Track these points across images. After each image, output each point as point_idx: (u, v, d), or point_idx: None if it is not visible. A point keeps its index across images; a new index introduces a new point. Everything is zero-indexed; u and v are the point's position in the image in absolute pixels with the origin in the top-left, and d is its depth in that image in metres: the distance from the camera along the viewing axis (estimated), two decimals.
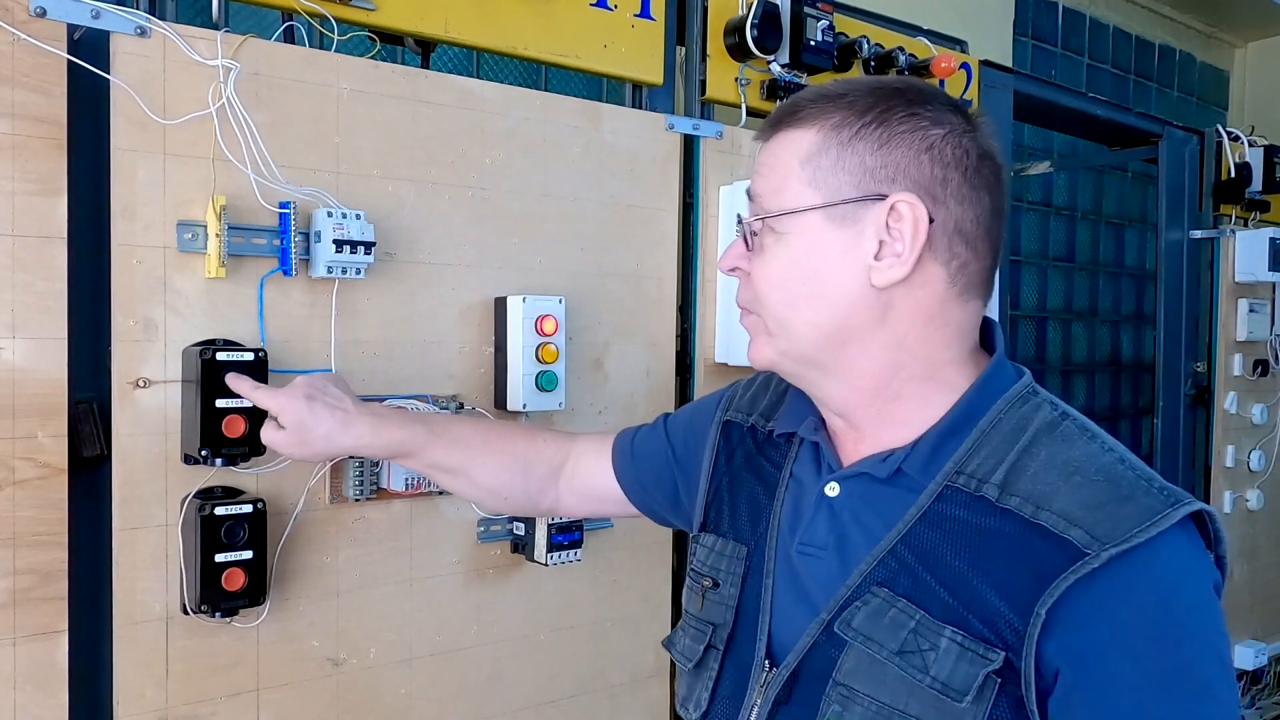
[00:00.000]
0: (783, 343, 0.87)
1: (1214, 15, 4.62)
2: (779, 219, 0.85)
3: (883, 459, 0.85)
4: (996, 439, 0.82)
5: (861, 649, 0.80)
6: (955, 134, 0.83)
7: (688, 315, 1.81)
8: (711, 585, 0.96)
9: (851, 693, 0.80)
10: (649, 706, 1.75)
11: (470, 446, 1.20)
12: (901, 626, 0.79)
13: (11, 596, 1.17)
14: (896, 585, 0.81)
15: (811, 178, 0.83)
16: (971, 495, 0.80)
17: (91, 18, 1.19)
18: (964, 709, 0.75)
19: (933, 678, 0.76)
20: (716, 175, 1.80)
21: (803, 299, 0.84)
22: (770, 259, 0.86)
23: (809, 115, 0.85)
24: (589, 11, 1.64)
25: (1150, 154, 2.94)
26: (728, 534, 0.98)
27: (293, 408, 1.13)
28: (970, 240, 0.83)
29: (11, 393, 1.17)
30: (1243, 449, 2.92)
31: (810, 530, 0.89)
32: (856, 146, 0.82)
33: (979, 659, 0.75)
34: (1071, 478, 0.78)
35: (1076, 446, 0.81)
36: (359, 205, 1.36)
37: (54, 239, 1.20)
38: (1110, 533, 0.73)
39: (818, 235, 0.83)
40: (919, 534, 0.81)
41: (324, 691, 1.39)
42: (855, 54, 1.97)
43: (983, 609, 0.76)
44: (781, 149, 0.86)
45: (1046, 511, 0.76)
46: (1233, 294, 2.89)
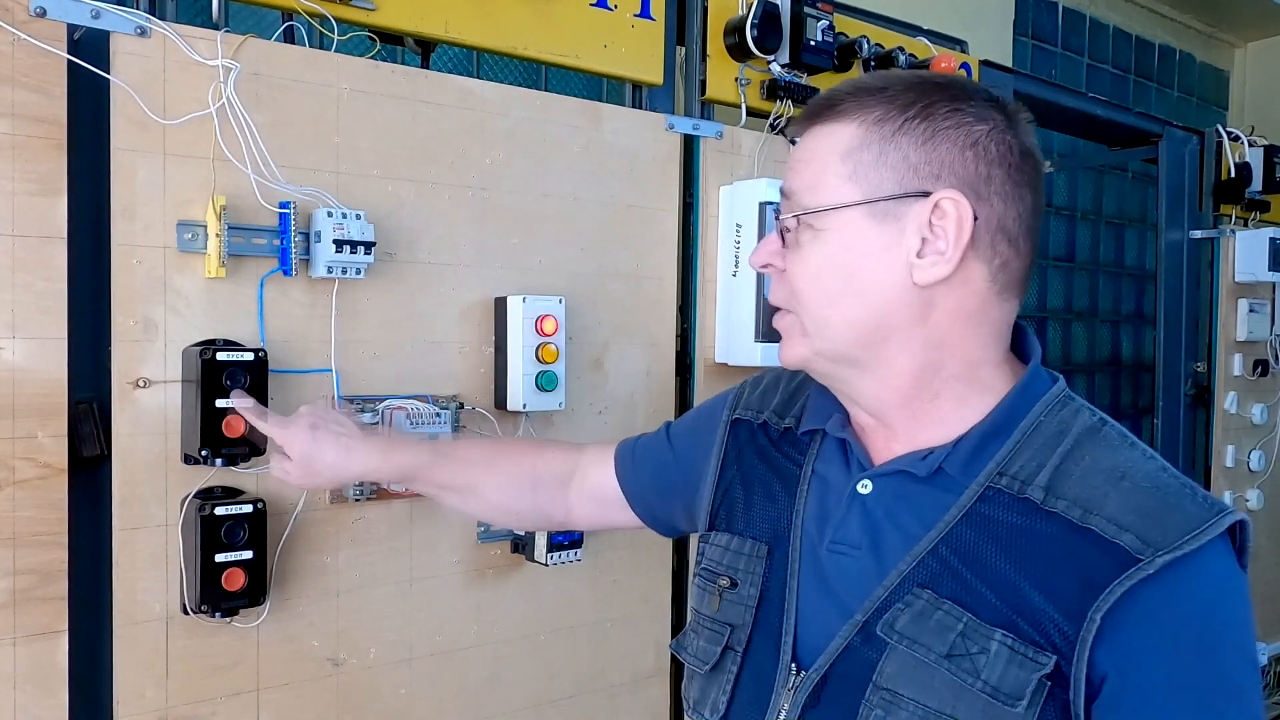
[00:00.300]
0: (819, 341, 0.85)
1: (1214, 15, 4.62)
2: (817, 215, 0.82)
3: (922, 457, 0.84)
4: (1038, 442, 0.81)
5: (906, 652, 0.78)
6: (999, 130, 0.81)
7: (688, 315, 1.80)
8: (729, 585, 0.93)
9: (896, 697, 0.78)
10: (649, 706, 1.75)
11: (477, 465, 1.19)
12: (949, 629, 0.77)
13: (11, 596, 1.17)
14: (940, 587, 0.79)
15: (852, 173, 0.81)
16: (1015, 497, 0.79)
17: (91, 18, 1.19)
18: (1017, 714, 0.73)
19: (984, 681, 0.75)
20: (716, 175, 1.80)
21: (842, 296, 0.82)
22: (808, 255, 0.84)
23: (848, 109, 0.83)
24: (589, 11, 1.64)
25: (1150, 154, 2.94)
26: (744, 532, 0.95)
27: (298, 438, 1.13)
28: (1012, 238, 0.82)
29: (11, 393, 1.17)
30: (1243, 449, 2.92)
31: (842, 528, 0.86)
32: (900, 141, 0.80)
33: (1030, 663, 0.74)
34: (1120, 483, 0.77)
35: (1121, 453, 0.80)
36: (359, 205, 1.36)
37: (54, 239, 1.20)
38: (1162, 540, 0.73)
39: (858, 231, 0.81)
40: (961, 535, 0.80)
41: (324, 691, 1.39)
42: (855, 54, 1.97)
43: (1031, 612, 0.75)
44: (819, 143, 0.84)
45: (1096, 516, 0.75)
46: (1233, 294, 2.89)
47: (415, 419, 1.38)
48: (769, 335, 1.71)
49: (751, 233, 1.73)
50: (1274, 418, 2.99)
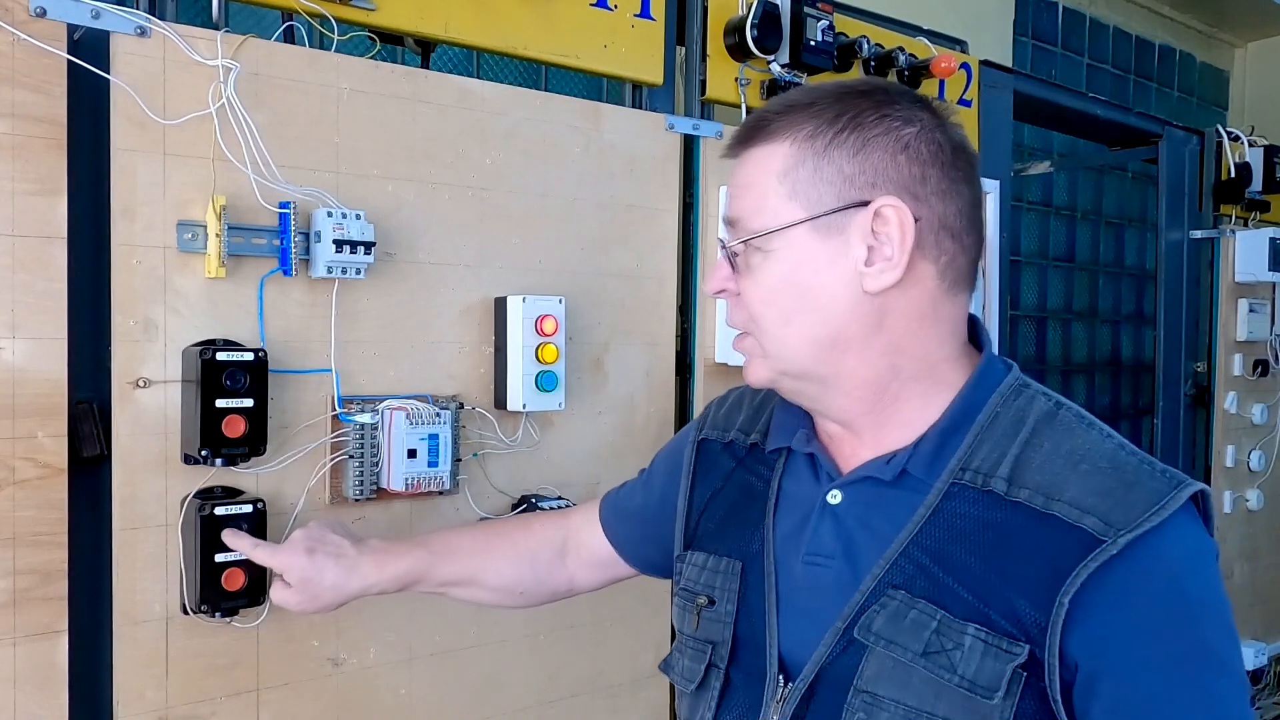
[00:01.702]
0: (779, 361, 0.86)
1: (1214, 15, 4.62)
2: (764, 238, 0.84)
3: (886, 461, 0.85)
4: (996, 433, 0.83)
5: (884, 653, 0.79)
6: (928, 130, 0.83)
7: (688, 315, 1.80)
8: (707, 603, 0.94)
9: (876, 699, 0.79)
10: (649, 706, 1.75)
11: (472, 555, 1.19)
12: (923, 627, 0.78)
13: (11, 596, 1.17)
14: (914, 586, 0.80)
15: (791, 191, 0.83)
16: (979, 491, 0.80)
17: (91, 18, 1.19)
18: (994, 705, 0.75)
19: (960, 676, 0.76)
20: (716, 175, 1.80)
21: (797, 314, 0.84)
22: (760, 278, 0.85)
23: (779, 128, 0.84)
24: (589, 11, 1.64)
25: (1150, 154, 2.94)
26: (719, 551, 0.96)
27: (295, 564, 1.12)
28: (955, 234, 0.84)
29: (11, 393, 1.17)
30: (1243, 449, 2.92)
31: (815, 540, 0.87)
32: (833, 155, 0.82)
33: (1004, 654, 0.75)
34: (1078, 466, 0.78)
35: (1078, 435, 0.82)
36: (359, 205, 1.36)
37: (54, 239, 1.20)
38: (1123, 519, 0.74)
39: (805, 248, 0.82)
40: (930, 533, 0.81)
41: (324, 691, 1.39)
42: (855, 54, 1.97)
43: (1002, 604, 0.76)
44: (755, 166, 0.85)
45: (1058, 501, 0.77)
46: (1233, 294, 2.88)
47: (415, 419, 1.38)
48: None
49: None
50: (1274, 418, 2.99)
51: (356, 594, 1.14)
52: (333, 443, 1.38)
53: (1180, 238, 2.93)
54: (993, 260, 2.23)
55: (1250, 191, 2.92)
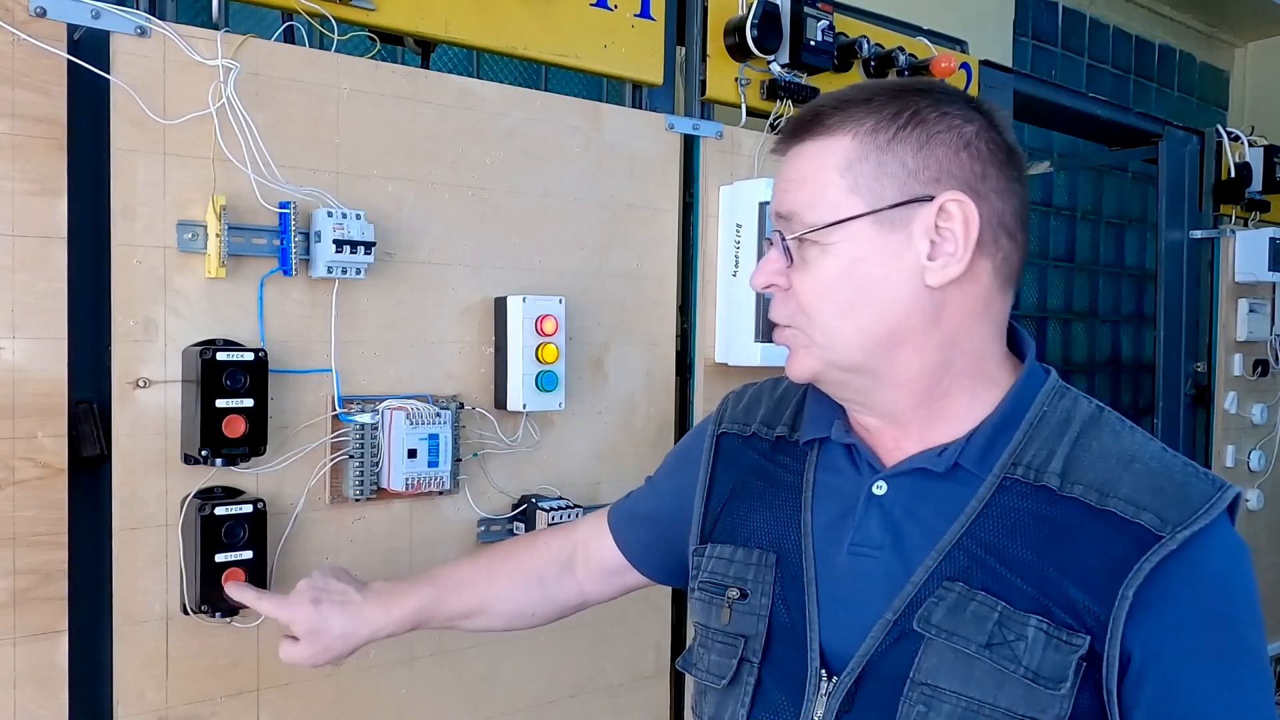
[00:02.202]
0: (830, 353, 0.86)
1: (1214, 15, 4.62)
2: (824, 231, 0.83)
3: (938, 454, 0.85)
4: (1046, 431, 0.84)
5: (945, 645, 0.79)
6: (985, 130, 0.84)
7: (688, 315, 1.80)
8: (739, 596, 0.92)
9: (936, 691, 0.78)
10: (649, 706, 1.75)
11: (478, 584, 1.17)
12: (985, 619, 0.78)
13: (11, 596, 1.17)
14: (971, 579, 0.80)
15: (853, 185, 0.82)
16: (1032, 485, 0.81)
17: (91, 18, 1.19)
18: (1060, 696, 0.75)
19: (1025, 667, 0.76)
20: (716, 175, 1.80)
21: (855, 307, 0.83)
22: (817, 271, 0.84)
23: (837, 123, 0.84)
24: (589, 11, 1.64)
25: (1150, 154, 2.94)
26: (749, 543, 0.95)
27: (302, 615, 1.10)
28: (1010, 232, 0.85)
29: (11, 393, 1.17)
30: (1243, 449, 2.92)
31: (862, 530, 0.87)
32: (896, 150, 0.82)
33: (1066, 645, 0.76)
34: (1131, 465, 0.80)
35: (1125, 438, 0.83)
36: (359, 205, 1.36)
37: (54, 239, 1.20)
38: (1178, 517, 0.76)
39: (867, 242, 0.82)
40: (984, 525, 0.81)
41: (324, 691, 1.39)
42: (855, 54, 1.97)
43: (1061, 596, 0.77)
44: (811, 160, 0.85)
45: (1113, 498, 0.78)
46: (1233, 294, 2.88)
47: (415, 419, 1.38)
48: (769, 335, 1.70)
49: (752, 232, 1.73)
50: (1274, 418, 2.99)
51: (366, 640, 1.12)
52: (333, 443, 1.38)
53: (1180, 238, 2.93)
54: None
55: (1250, 191, 2.92)
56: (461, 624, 1.18)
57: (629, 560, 1.15)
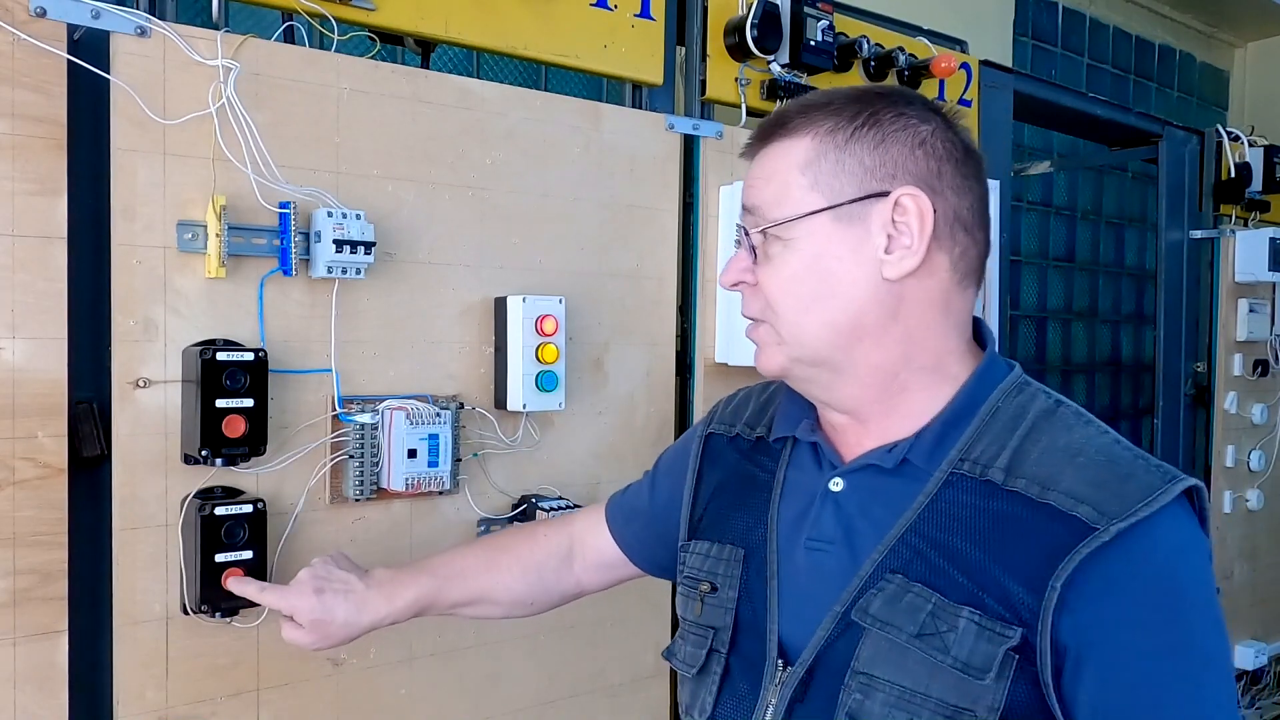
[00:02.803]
0: (795, 348, 0.88)
1: (1214, 15, 4.62)
2: (785, 226, 0.86)
3: (888, 450, 0.87)
4: (997, 426, 0.85)
5: (880, 634, 0.81)
6: (941, 129, 0.87)
7: (688, 315, 1.80)
8: (710, 589, 0.96)
9: (872, 680, 0.80)
10: (649, 706, 1.75)
11: (478, 574, 1.19)
12: (919, 610, 0.80)
13: (11, 596, 1.17)
14: (911, 570, 0.82)
15: (813, 182, 0.86)
16: (977, 480, 0.82)
17: (91, 18, 1.19)
18: (986, 686, 0.76)
19: (954, 657, 0.77)
20: (716, 175, 1.80)
21: (817, 300, 0.86)
22: (780, 266, 0.87)
23: (799, 125, 0.87)
24: (589, 11, 1.64)
25: (1150, 154, 2.94)
26: (722, 539, 0.98)
27: (305, 605, 1.11)
28: (968, 227, 0.87)
29: (11, 393, 1.17)
30: (1243, 449, 2.92)
31: (817, 526, 0.90)
32: (853, 148, 0.85)
33: (997, 636, 0.77)
34: (1075, 459, 0.81)
35: (1075, 431, 0.84)
36: (359, 205, 1.36)
37: (54, 239, 1.20)
38: (1116, 508, 0.76)
39: (826, 237, 0.85)
40: (928, 520, 0.83)
41: (324, 691, 1.39)
42: (855, 54, 1.97)
43: (996, 589, 0.78)
44: (776, 159, 0.88)
45: (1054, 491, 0.79)
46: (1233, 294, 2.88)
47: (415, 419, 1.38)
48: None
49: None
50: (1274, 418, 2.99)
51: (368, 628, 1.13)
52: (333, 443, 1.38)
53: (1180, 238, 2.93)
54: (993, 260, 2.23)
55: (1250, 191, 2.91)
56: (462, 611, 1.20)
57: (624, 554, 1.19)
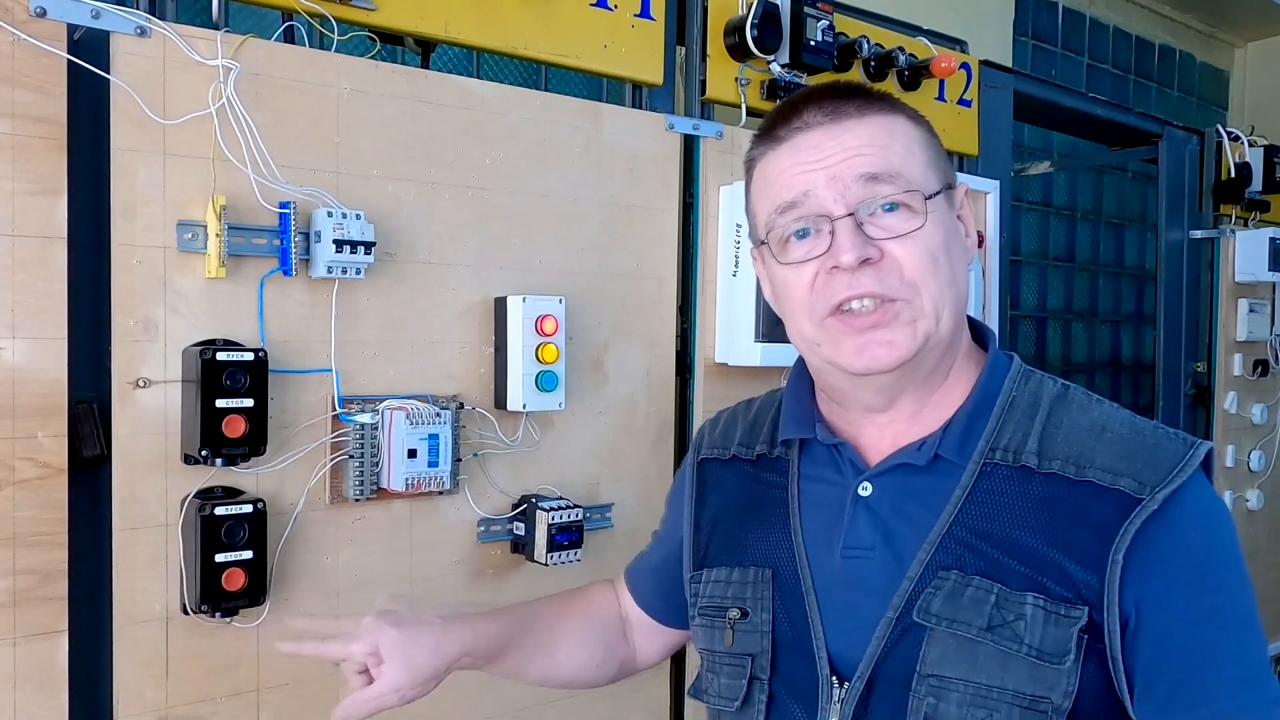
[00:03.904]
0: (933, 325, 0.83)
1: (1214, 15, 4.62)
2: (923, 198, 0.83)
3: (917, 448, 0.86)
4: (1017, 414, 0.85)
5: (947, 633, 0.79)
6: None
7: (688, 315, 1.80)
8: (740, 615, 0.91)
9: (943, 681, 0.78)
10: (649, 706, 1.75)
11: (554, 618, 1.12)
12: (983, 602, 0.79)
13: (11, 596, 1.17)
14: (965, 565, 0.81)
15: (928, 161, 0.86)
16: (1011, 468, 0.82)
17: (91, 18, 1.19)
18: (1064, 670, 0.76)
19: (1028, 645, 0.76)
20: (716, 175, 1.80)
21: (953, 277, 0.85)
22: (923, 239, 0.82)
23: (891, 104, 0.87)
24: (589, 11, 1.64)
25: (1150, 154, 2.94)
26: (743, 562, 0.94)
27: (387, 640, 1.00)
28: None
29: (11, 393, 1.17)
30: (1243, 449, 2.92)
31: (852, 533, 0.87)
32: (937, 139, 0.89)
33: (1065, 619, 0.76)
34: (1102, 435, 0.81)
35: (1093, 410, 0.85)
36: (359, 205, 1.36)
37: (54, 239, 1.20)
38: (1155, 477, 0.77)
39: (944, 215, 0.86)
40: (971, 512, 0.82)
41: (324, 691, 1.39)
42: (855, 54, 1.97)
43: (1055, 571, 0.78)
44: (893, 129, 0.84)
45: (1091, 468, 0.79)
46: (1233, 294, 2.88)
47: (415, 419, 1.38)
48: (769, 335, 1.71)
49: None
50: (1274, 418, 2.99)
51: (456, 658, 1.02)
52: (333, 443, 1.38)
53: (1180, 238, 2.93)
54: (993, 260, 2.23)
55: (1250, 191, 2.91)
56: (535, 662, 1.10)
57: (649, 615, 1.14)
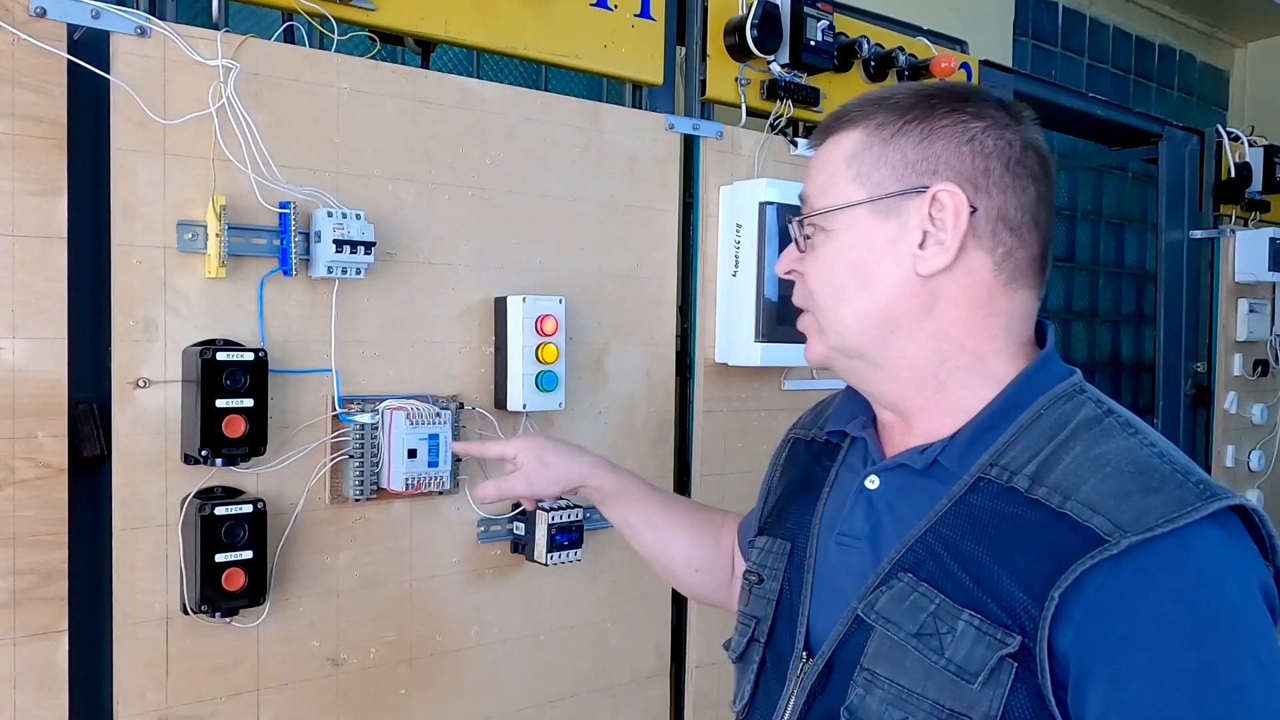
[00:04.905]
0: (833, 337, 0.90)
1: (1214, 15, 4.62)
2: (827, 216, 0.88)
3: (920, 451, 0.87)
4: (1035, 433, 0.82)
5: (883, 632, 0.81)
6: (996, 126, 0.85)
7: (688, 315, 1.80)
8: (758, 580, 0.99)
9: (874, 676, 0.81)
10: (649, 706, 1.75)
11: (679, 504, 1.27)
12: (921, 610, 0.79)
13: (11, 596, 1.17)
14: (920, 570, 0.81)
15: (856, 174, 0.87)
16: (1002, 486, 0.81)
17: (91, 18, 1.19)
18: (977, 691, 0.74)
19: (948, 659, 0.76)
20: (716, 175, 1.80)
21: (850, 290, 0.87)
22: (821, 255, 0.89)
23: (855, 118, 0.89)
24: (589, 11, 1.64)
25: (1150, 154, 2.94)
26: (776, 533, 1.01)
27: (527, 439, 1.27)
28: (1014, 228, 0.85)
29: (11, 393, 1.17)
30: (1243, 449, 2.92)
31: (848, 521, 0.90)
32: (898, 142, 0.86)
33: (995, 642, 0.75)
34: (1101, 469, 0.77)
35: (1113, 440, 0.80)
36: (359, 205, 1.36)
37: (54, 239, 1.20)
38: (1133, 522, 0.72)
39: (864, 229, 0.86)
40: (948, 523, 0.82)
41: (324, 691, 1.39)
42: (855, 54, 1.97)
43: (1002, 595, 0.76)
44: (829, 151, 0.90)
45: (1072, 500, 0.76)
46: (1233, 294, 2.88)
47: (415, 419, 1.38)
48: (769, 335, 1.71)
49: (751, 233, 1.73)
50: (1274, 418, 2.99)
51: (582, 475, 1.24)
52: (333, 443, 1.38)
53: (1180, 238, 2.93)
54: None
55: (1250, 191, 2.91)
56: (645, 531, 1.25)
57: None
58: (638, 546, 1.27)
